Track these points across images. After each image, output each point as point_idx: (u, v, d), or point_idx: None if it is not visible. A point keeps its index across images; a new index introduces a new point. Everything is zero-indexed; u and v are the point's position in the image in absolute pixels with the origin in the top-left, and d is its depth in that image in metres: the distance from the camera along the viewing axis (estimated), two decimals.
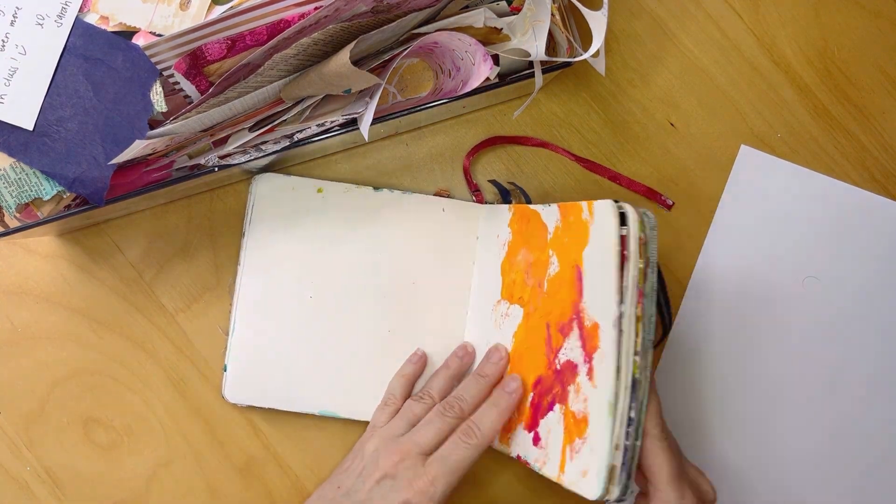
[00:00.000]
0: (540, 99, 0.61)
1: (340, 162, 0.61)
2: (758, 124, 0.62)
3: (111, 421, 0.60)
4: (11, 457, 0.59)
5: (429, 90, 0.57)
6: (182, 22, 0.49)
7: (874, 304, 0.61)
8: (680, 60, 0.62)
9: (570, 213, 0.50)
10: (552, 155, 0.61)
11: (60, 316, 0.60)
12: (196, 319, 0.60)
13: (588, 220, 0.48)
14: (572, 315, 0.49)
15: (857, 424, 0.60)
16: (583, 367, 0.47)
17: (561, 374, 0.49)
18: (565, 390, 0.48)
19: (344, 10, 0.46)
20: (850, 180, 0.61)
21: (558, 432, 0.48)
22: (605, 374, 0.45)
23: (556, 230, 0.52)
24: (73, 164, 0.48)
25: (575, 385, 0.48)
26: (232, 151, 0.52)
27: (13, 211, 0.50)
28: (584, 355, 0.47)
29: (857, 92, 0.62)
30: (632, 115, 0.62)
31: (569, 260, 0.50)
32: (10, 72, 0.47)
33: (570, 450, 0.47)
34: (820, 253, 0.61)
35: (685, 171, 0.61)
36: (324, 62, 0.48)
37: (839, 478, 0.60)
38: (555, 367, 0.50)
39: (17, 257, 0.61)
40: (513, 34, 0.52)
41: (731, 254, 0.61)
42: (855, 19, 0.62)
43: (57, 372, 0.60)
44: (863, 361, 0.60)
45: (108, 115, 0.48)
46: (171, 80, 0.48)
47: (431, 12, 0.50)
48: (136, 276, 0.60)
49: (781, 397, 0.60)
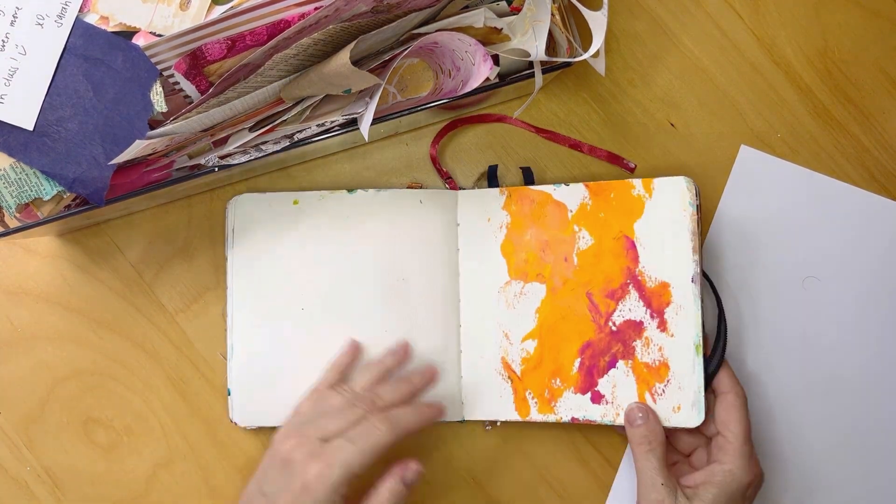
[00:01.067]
0: (540, 99, 0.61)
1: (341, 162, 0.61)
2: (758, 124, 0.62)
3: (111, 421, 0.60)
4: (11, 457, 0.59)
5: (429, 90, 0.57)
6: (182, 22, 0.49)
7: (873, 304, 0.60)
8: (680, 60, 0.62)
9: (611, 191, 0.56)
10: (515, 130, 0.61)
11: (60, 316, 0.60)
12: (196, 319, 0.60)
13: (643, 195, 0.56)
14: (626, 280, 0.56)
15: (858, 424, 0.60)
16: (651, 322, 0.55)
17: (620, 333, 0.56)
18: (629, 346, 0.56)
19: (344, 11, 0.46)
20: (850, 180, 0.61)
21: (629, 384, 0.55)
22: (686, 322, 0.54)
23: (582, 207, 0.57)
24: (74, 164, 0.48)
25: (643, 340, 0.55)
26: (232, 151, 0.52)
27: (13, 211, 0.50)
28: (650, 312, 0.55)
29: (858, 92, 0.62)
30: (632, 115, 0.62)
31: (610, 232, 0.56)
32: (10, 72, 0.47)
33: (650, 394, 0.55)
34: (820, 253, 0.61)
35: (685, 171, 0.61)
36: (324, 62, 0.48)
37: (841, 477, 0.60)
38: (609, 329, 0.56)
39: (17, 257, 0.61)
40: (513, 34, 0.52)
41: (731, 253, 0.61)
42: (855, 19, 0.62)
43: (57, 372, 0.60)
44: (863, 361, 0.60)
45: (108, 115, 0.48)
46: (171, 80, 0.48)
47: (431, 12, 0.50)
48: (136, 276, 0.61)
49: (781, 397, 0.60)
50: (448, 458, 0.60)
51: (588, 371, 0.56)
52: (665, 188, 0.55)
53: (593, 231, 0.57)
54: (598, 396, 0.56)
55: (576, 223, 0.57)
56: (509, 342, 0.58)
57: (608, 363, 0.56)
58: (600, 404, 0.56)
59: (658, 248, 0.55)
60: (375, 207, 0.59)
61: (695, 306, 0.54)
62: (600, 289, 0.56)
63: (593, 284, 0.57)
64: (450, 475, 0.60)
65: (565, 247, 0.57)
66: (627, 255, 0.56)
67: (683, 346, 0.54)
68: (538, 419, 0.57)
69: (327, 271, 0.58)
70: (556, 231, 0.58)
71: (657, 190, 0.55)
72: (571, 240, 0.57)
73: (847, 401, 0.60)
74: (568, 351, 0.57)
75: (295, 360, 0.58)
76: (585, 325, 0.57)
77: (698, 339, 0.54)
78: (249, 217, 0.59)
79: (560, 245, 0.58)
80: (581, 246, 0.57)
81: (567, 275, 0.57)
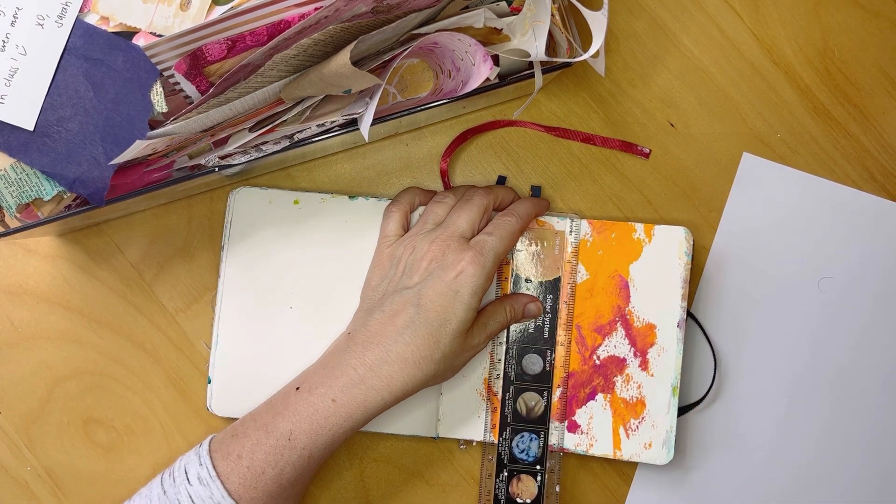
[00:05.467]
0: (540, 99, 0.61)
1: (341, 162, 0.61)
2: (758, 125, 0.62)
3: (111, 421, 0.60)
4: (11, 457, 0.59)
5: (429, 90, 0.57)
6: (182, 22, 0.49)
7: (883, 307, 0.60)
8: (680, 60, 0.62)
9: (613, 230, 0.59)
10: (516, 132, 0.61)
11: (60, 316, 0.60)
12: (196, 319, 0.60)
13: (642, 239, 0.58)
14: (615, 317, 0.58)
15: (869, 427, 0.60)
16: (633, 360, 0.58)
17: (602, 367, 0.58)
18: (610, 381, 0.58)
19: (344, 11, 0.46)
20: (850, 180, 0.61)
21: (605, 417, 0.58)
22: (667, 364, 0.57)
23: (582, 243, 0.59)
24: (74, 164, 0.48)
25: (624, 376, 0.58)
26: (232, 151, 0.52)
27: (13, 211, 0.50)
28: (634, 350, 0.58)
29: (857, 92, 0.62)
30: (632, 115, 0.62)
31: (606, 271, 0.58)
32: (10, 72, 0.47)
33: (623, 429, 0.57)
34: (828, 258, 0.61)
35: (685, 171, 0.61)
36: (324, 62, 0.48)
37: (854, 480, 0.60)
38: (592, 362, 0.58)
39: (17, 257, 0.61)
40: (513, 34, 0.52)
41: (738, 261, 0.61)
42: (855, 19, 0.62)
43: (57, 372, 0.60)
44: (873, 364, 0.60)
45: (108, 116, 0.48)
46: (171, 80, 0.48)
47: (431, 13, 0.50)
48: (136, 276, 0.61)
49: (790, 400, 0.60)
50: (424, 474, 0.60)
51: (568, 400, 0.58)
52: (664, 236, 0.58)
53: (590, 267, 0.59)
54: (575, 426, 0.58)
55: (573, 257, 0.59)
56: (493, 364, 0.58)
57: (588, 395, 0.58)
58: (575, 433, 0.58)
59: (649, 291, 0.58)
60: (375, 216, 0.59)
61: (677, 350, 0.57)
62: (589, 322, 0.58)
63: (583, 318, 0.58)
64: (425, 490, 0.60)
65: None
66: (619, 294, 0.58)
67: (661, 387, 0.57)
68: None
69: (320, 273, 0.58)
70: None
71: (657, 236, 0.58)
72: (569, 272, 0.59)
73: (858, 404, 0.60)
74: None
75: (278, 357, 0.58)
76: (571, 356, 0.58)
77: (676, 381, 0.57)
78: (249, 211, 0.59)
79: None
80: (577, 279, 0.59)
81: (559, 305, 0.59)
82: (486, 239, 0.53)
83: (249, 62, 0.47)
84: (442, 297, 0.51)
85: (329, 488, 0.60)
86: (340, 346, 0.53)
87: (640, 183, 0.61)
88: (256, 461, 0.49)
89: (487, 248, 0.52)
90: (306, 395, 0.50)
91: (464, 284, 0.51)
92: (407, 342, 0.50)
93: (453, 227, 0.54)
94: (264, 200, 0.59)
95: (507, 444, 0.57)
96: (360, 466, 0.60)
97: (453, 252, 0.52)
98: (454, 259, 0.52)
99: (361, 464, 0.60)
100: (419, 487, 0.60)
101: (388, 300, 0.52)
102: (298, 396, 0.51)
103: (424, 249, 0.53)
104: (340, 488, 0.60)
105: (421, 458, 0.60)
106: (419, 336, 0.50)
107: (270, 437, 0.50)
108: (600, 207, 0.61)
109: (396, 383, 0.50)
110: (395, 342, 0.50)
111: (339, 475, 0.60)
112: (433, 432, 0.58)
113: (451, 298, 0.51)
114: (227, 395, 0.58)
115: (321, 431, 0.50)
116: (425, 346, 0.50)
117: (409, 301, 0.51)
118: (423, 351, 0.50)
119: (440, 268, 0.52)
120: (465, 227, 0.54)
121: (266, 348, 0.58)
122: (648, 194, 0.61)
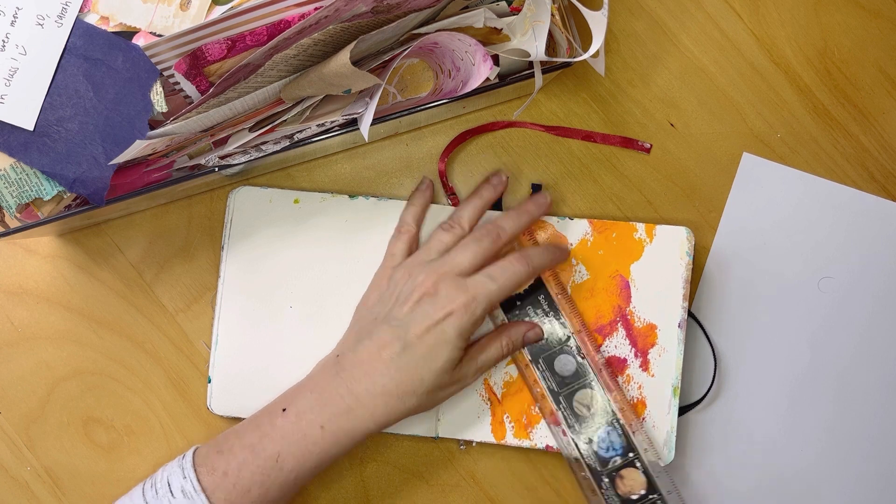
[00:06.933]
0: (540, 99, 0.61)
1: (341, 162, 0.61)
2: (758, 124, 0.62)
3: (111, 421, 0.60)
4: (11, 457, 0.59)
5: (429, 90, 0.57)
6: (182, 22, 0.49)
7: (883, 307, 0.60)
8: (680, 60, 0.62)
9: (614, 230, 0.58)
10: (516, 132, 0.61)
11: (60, 316, 0.60)
12: (196, 319, 0.60)
13: (643, 239, 0.58)
14: (616, 317, 0.58)
15: (870, 427, 0.60)
16: (634, 361, 0.58)
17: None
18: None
19: (344, 11, 0.46)
20: (850, 180, 0.61)
21: None
22: (668, 364, 0.57)
23: (582, 243, 0.58)
24: (74, 164, 0.48)
25: (624, 376, 0.58)
26: (232, 151, 0.52)
27: (13, 211, 0.50)
28: (634, 351, 0.58)
29: (857, 92, 0.62)
30: (632, 115, 0.62)
31: (607, 270, 0.58)
32: (10, 72, 0.47)
33: None
34: (828, 258, 0.61)
35: (685, 171, 0.61)
36: (324, 62, 0.48)
37: (854, 479, 0.60)
38: None
39: (17, 257, 0.61)
40: (513, 34, 0.52)
41: (738, 261, 0.61)
42: (855, 19, 0.62)
43: (57, 372, 0.60)
44: (873, 364, 0.60)
45: (108, 116, 0.48)
46: (171, 80, 0.48)
47: (431, 12, 0.50)
48: (136, 276, 0.61)
49: (790, 399, 0.60)
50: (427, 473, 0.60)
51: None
52: (666, 236, 0.58)
53: (590, 267, 0.58)
54: None
55: (574, 257, 0.59)
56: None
57: None
58: None
59: (650, 291, 0.58)
60: (375, 216, 0.59)
61: (678, 351, 0.57)
62: (590, 323, 0.58)
63: (584, 318, 0.58)
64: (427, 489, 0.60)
65: (562, 277, 0.59)
66: (620, 294, 0.58)
67: (662, 387, 0.57)
68: (513, 444, 0.58)
69: (320, 273, 0.58)
70: None
71: (658, 236, 0.58)
72: (568, 272, 0.58)
73: (860, 404, 0.60)
74: None
75: (278, 357, 0.58)
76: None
77: (677, 381, 0.57)
78: (249, 210, 0.59)
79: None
80: (577, 279, 0.58)
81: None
82: (485, 283, 0.52)
83: (249, 62, 0.47)
84: (429, 335, 0.51)
85: (329, 488, 0.60)
86: (328, 370, 0.53)
87: (640, 183, 0.61)
88: (243, 480, 0.50)
89: (482, 296, 0.52)
90: (294, 420, 0.51)
91: (450, 325, 0.51)
92: (392, 376, 0.51)
93: (452, 264, 0.53)
94: (264, 200, 0.59)
95: (591, 451, 0.56)
96: (360, 466, 0.60)
97: (447, 290, 0.52)
98: (446, 299, 0.51)
99: (361, 464, 0.60)
100: (419, 488, 0.60)
101: (377, 328, 0.53)
102: (286, 419, 0.51)
103: (419, 280, 0.53)
104: (340, 488, 0.60)
105: (421, 458, 0.60)
106: (403, 371, 0.51)
107: (258, 457, 0.50)
108: (600, 207, 0.61)
109: (380, 414, 0.51)
110: (381, 375, 0.51)
111: (339, 475, 0.60)
112: (433, 433, 0.58)
113: (438, 337, 0.51)
114: (227, 394, 0.58)
115: (309, 456, 0.51)
116: (409, 382, 0.51)
117: (396, 335, 0.52)
118: (406, 386, 0.51)
119: (431, 304, 0.52)
120: (465, 265, 0.53)
121: (266, 348, 0.58)
122: (648, 194, 0.61)
